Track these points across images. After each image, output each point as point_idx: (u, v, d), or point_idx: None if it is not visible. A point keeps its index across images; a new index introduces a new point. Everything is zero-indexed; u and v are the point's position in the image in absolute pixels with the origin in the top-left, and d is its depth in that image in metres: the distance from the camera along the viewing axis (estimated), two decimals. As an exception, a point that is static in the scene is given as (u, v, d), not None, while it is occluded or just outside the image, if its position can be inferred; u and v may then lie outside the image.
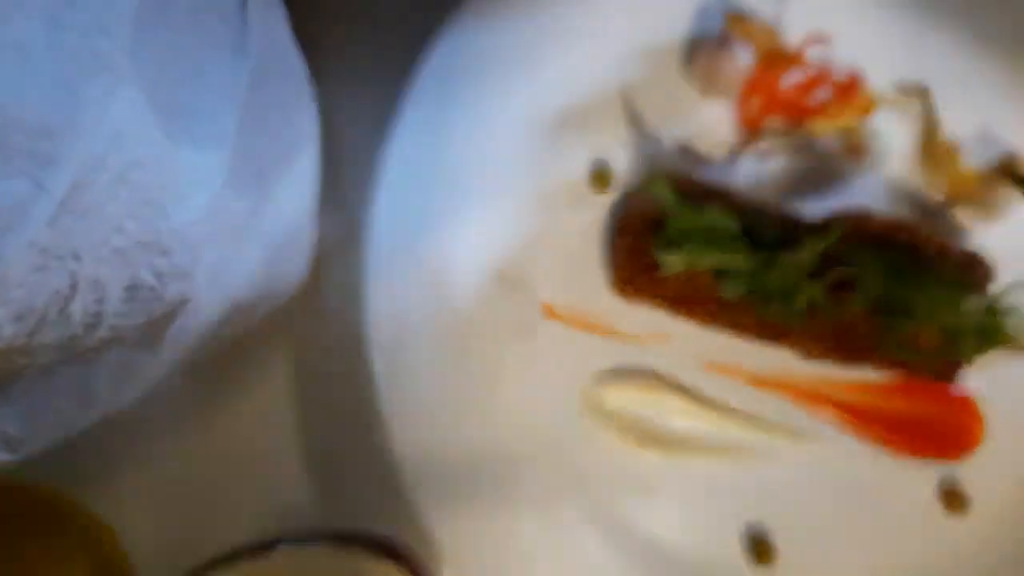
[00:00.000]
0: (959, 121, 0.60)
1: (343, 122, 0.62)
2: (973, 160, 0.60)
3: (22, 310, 0.32)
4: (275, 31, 0.48)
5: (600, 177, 0.60)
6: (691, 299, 0.57)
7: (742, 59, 0.59)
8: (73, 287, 0.34)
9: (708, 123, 0.61)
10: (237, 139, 0.42)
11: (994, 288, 0.56)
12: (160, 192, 0.36)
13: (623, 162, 0.61)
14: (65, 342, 0.36)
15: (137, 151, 0.34)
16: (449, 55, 0.57)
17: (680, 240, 0.55)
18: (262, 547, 0.52)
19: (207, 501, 0.62)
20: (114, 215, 0.34)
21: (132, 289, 0.36)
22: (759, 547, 0.59)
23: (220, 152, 0.41)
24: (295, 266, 0.50)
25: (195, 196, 0.38)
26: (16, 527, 0.56)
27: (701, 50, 0.60)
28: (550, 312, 0.60)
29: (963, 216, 0.61)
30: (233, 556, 0.51)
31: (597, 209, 0.61)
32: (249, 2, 0.45)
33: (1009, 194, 0.59)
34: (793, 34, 0.60)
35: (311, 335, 0.63)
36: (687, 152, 0.61)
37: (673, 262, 0.54)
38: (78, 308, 0.35)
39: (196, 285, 0.39)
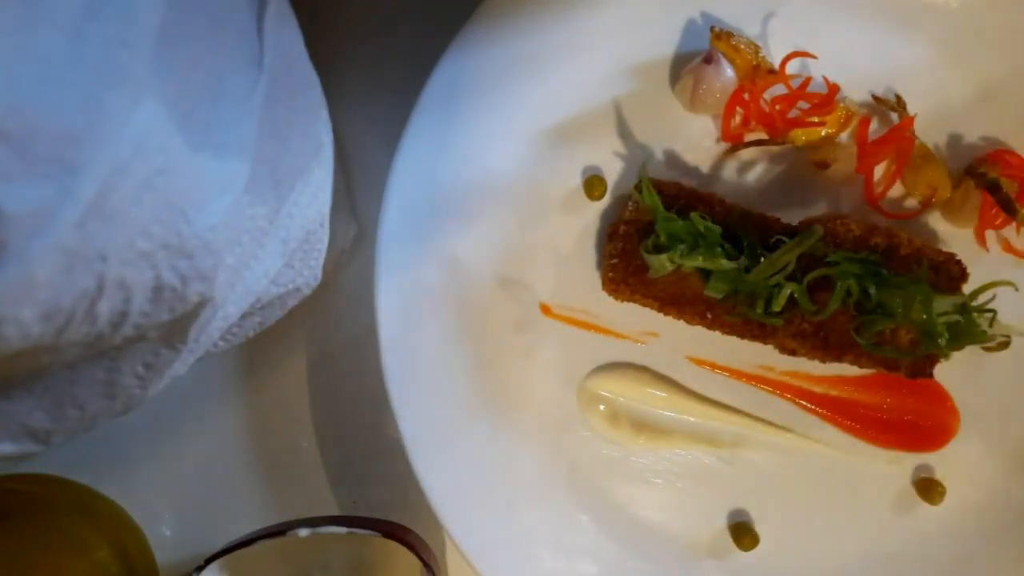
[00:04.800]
0: (933, 130, 0.60)
1: (356, 134, 0.61)
2: (947, 166, 0.59)
3: (49, 310, 0.31)
4: (290, 47, 0.46)
5: (593, 185, 0.59)
6: (678, 299, 0.56)
7: (726, 76, 0.57)
8: (100, 288, 0.32)
9: (694, 135, 0.60)
10: (255, 149, 0.41)
11: (967, 288, 0.55)
12: (182, 198, 0.35)
13: (615, 171, 0.60)
14: (91, 340, 0.34)
15: (160, 159, 0.33)
16: (454, 73, 0.56)
17: (667, 244, 0.54)
18: (278, 531, 0.51)
19: (224, 489, 0.61)
20: (139, 219, 0.33)
21: (157, 290, 0.35)
22: (742, 534, 0.58)
23: (239, 161, 0.39)
24: (310, 268, 0.49)
25: (216, 202, 0.37)
26: (40, 516, 0.55)
27: (687, 67, 0.59)
28: (547, 311, 0.59)
29: (938, 220, 0.60)
30: (250, 540, 0.50)
31: (590, 215, 0.60)
32: (265, 19, 0.43)
33: (980, 199, 0.58)
34: (775, 50, 0.60)
35: (325, 333, 0.62)
36: (674, 162, 0.60)
37: (661, 264, 0.54)
38: (104, 308, 0.33)
39: (217, 286, 0.38)
